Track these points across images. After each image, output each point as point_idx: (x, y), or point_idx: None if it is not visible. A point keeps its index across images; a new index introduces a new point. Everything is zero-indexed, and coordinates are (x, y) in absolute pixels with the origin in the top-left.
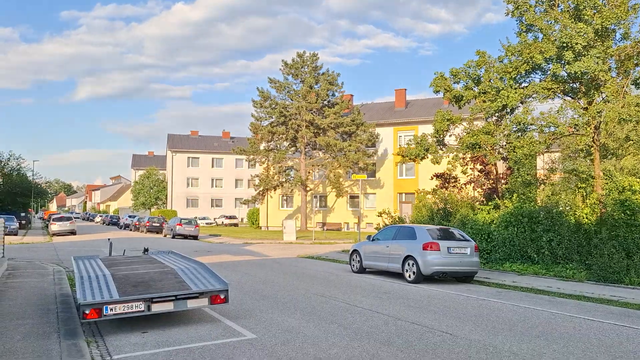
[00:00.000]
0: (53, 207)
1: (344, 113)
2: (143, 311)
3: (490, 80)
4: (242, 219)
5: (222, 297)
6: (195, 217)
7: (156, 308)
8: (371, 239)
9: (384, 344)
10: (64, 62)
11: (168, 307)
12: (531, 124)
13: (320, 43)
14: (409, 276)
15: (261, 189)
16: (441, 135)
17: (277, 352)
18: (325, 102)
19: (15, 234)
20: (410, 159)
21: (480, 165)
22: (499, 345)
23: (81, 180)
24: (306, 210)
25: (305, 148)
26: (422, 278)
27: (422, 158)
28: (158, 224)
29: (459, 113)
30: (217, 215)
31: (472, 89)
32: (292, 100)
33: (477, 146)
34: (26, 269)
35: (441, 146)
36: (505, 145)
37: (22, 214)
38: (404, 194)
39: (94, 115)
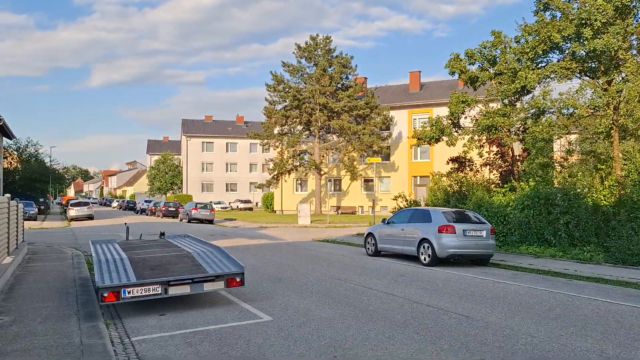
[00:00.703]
0: (71, 192)
1: (358, 96)
2: (160, 294)
3: (506, 62)
4: (256, 203)
5: (238, 280)
6: (211, 202)
7: (173, 291)
8: (386, 222)
9: (400, 326)
10: (78, 49)
11: (185, 290)
12: (550, 108)
13: (334, 26)
14: (424, 259)
15: (275, 173)
16: (456, 118)
17: (294, 334)
18: (339, 85)
19: (35, 219)
20: (425, 141)
21: (496, 147)
22: (515, 327)
23: (98, 166)
24: (320, 194)
25: (319, 132)
26: (437, 261)
27: (437, 140)
28: (174, 209)
29: (474, 94)
30: (232, 199)
31: (488, 70)
32: (305, 83)
33: (493, 128)
34: (45, 253)
35: (456, 128)
36: (521, 127)
37: (41, 200)
38: (418, 177)
39: (109, 101)
